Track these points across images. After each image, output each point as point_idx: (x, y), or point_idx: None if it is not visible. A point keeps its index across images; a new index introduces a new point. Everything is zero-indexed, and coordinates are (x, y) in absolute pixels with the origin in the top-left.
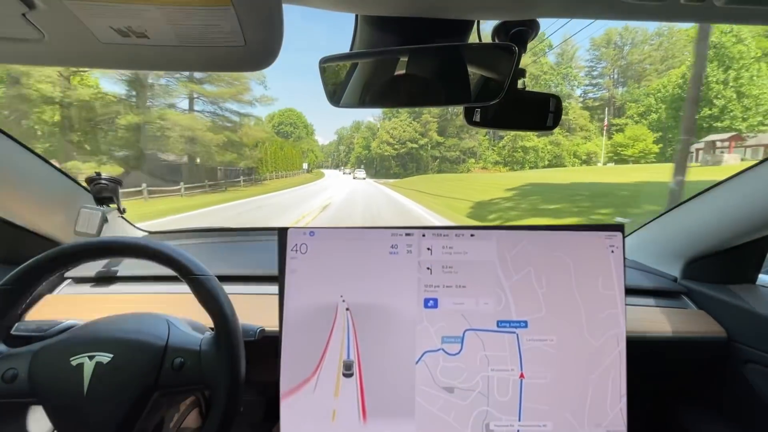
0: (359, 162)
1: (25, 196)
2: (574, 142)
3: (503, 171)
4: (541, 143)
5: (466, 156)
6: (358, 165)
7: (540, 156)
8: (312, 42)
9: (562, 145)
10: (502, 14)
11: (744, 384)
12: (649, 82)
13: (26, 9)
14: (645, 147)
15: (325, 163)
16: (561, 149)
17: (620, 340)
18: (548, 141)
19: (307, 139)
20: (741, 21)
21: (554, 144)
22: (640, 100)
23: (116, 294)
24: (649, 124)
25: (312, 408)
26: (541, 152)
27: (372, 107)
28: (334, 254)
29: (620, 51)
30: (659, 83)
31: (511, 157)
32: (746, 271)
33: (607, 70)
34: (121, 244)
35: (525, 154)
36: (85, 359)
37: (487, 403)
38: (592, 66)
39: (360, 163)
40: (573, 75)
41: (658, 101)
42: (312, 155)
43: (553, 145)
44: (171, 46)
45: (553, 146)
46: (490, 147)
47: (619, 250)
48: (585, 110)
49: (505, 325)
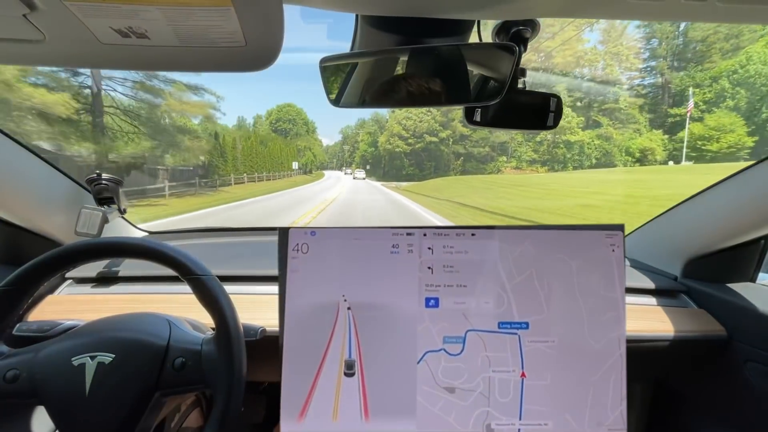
0: (364, 162)
1: (26, 196)
2: (627, 135)
3: (541, 171)
4: (587, 137)
5: (495, 153)
6: (363, 165)
7: (586, 153)
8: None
9: (613, 139)
10: (502, 14)
11: (744, 382)
12: (712, 64)
13: (27, 10)
14: (736, 140)
15: (329, 164)
16: (611, 145)
17: (621, 343)
18: (596, 134)
19: (307, 137)
20: (742, 21)
21: (603, 138)
22: (703, 84)
23: (117, 294)
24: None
25: (313, 407)
26: (587, 148)
27: (372, 107)
28: (335, 254)
29: (676, 27)
30: (734, 62)
31: (551, 155)
32: (746, 270)
33: (661, 50)
34: (121, 244)
35: (568, 150)
36: (87, 359)
37: (488, 404)
38: (643, 44)
39: (366, 163)
40: (624, 55)
41: (734, 84)
42: (309, 154)
43: (602, 139)
44: (171, 46)
45: (602, 141)
46: (524, 142)
47: (620, 249)
48: (638, 98)
49: (507, 326)
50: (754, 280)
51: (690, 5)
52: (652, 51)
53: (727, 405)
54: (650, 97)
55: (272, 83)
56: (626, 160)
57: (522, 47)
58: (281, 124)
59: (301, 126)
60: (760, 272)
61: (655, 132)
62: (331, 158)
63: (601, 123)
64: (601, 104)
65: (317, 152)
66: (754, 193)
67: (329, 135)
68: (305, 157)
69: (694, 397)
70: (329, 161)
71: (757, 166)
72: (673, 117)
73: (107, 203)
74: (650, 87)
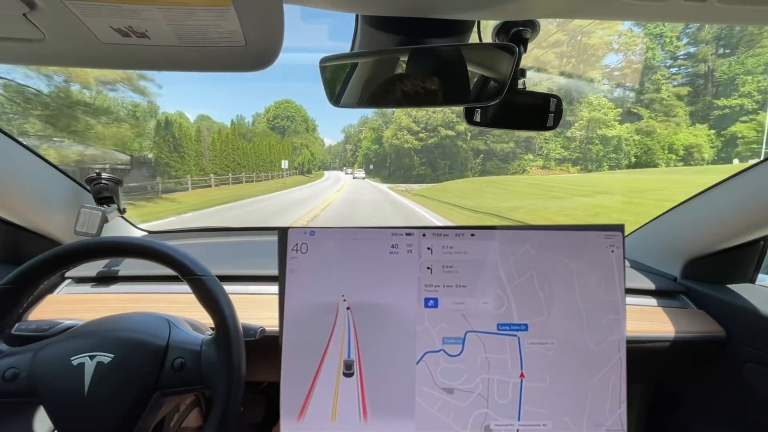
0: (368, 161)
1: (26, 195)
2: (672, 130)
3: (572, 171)
4: (624, 131)
5: (521, 149)
6: (366, 165)
7: (624, 150)
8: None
9: (656, 134)
10: (502, 14)
11: (743, 383)
12: (763, 49)
13: (27, 9)
14: None
15: (332, 164)
16: (653, 140)
17: (621, 345)
18: (634, 129)
19: (306, 135)
20: (742, 21)
21: (644, 133)
22: (754, 71)
23: (117, 294)
24: None
25: (312, 407)
26: (625, 144)
27: (372, 107)
28: (334, 254)
29: None
30: None
31: (582, 152)
32: (746, 271)
33: (704, 34)
34: (121, 244)
35: (605, 146)
36: (86, 359)
37: (486, 405)
38: (683, 28)
39: (369, 163)
40: (668, 36)
41: None
42: (306, 152)
43: (642, 134)
44: (171, 46)
45: (642, 136)
46: (552, 138)
47: (619, 249)
48: (681, 87)
49: (506, 327)
50: (754, 281)
51: (690, 6)
52: (693, 36)
53: (726, 406)
54: (691, 85)
55: (274, 83)
56: (669, 159)
57: (522, 47)
58: (279, 121)
59: (300, 123)
60: (760, 273)
61: (699, 126)
62: (334, 158)
63: (641, 115)
64: (639, 94)
65: (316, 150)
66: (753, 193)
67: (332, 135)
68: (301, 155)
69: (693, 397)
70: (332, 161)
71: (757, 166)
72: (720, 109)
73: (107, 203)
74: (690, 76)
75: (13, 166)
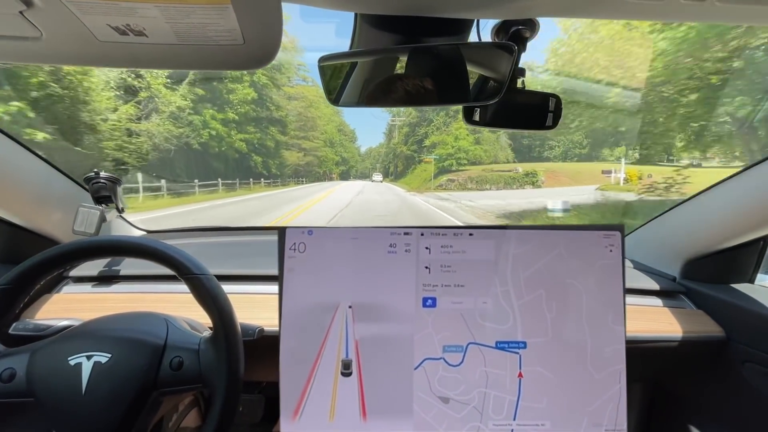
0: (394, 161)
1: (24, 194)
2: None
3: None
4: None
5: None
6: (386, 166)
7: None
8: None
9: None
10: (502, 14)
11: (742, 383)
12: None
13: (24, 7)
14: None
15: (372, 169)
16: None
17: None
18: None
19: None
20: (742, 21)
21: None
22: None
23: (115, 293)
24: None
25: (310, 406)
26: None
27: (371, 106)
28: (332, 253)
29: None
30: None
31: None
32: (745, 271)
33: None
34: (119, 243)
35: None
36: (83, 359)
37: (480, 419)
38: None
39: (393, 163)
40: None
41: None
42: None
43: None
44: (169, 44)
45: None
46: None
47: (619, 249)
48: None
49: (505, 345)
50: (753, 281)
51: (690, 5)
52: None
53: (725, 405)
54: None
55: None
56: None
57: (521, 47)
58: None
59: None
60: (759, 273)
61: None
62: (375, 162)
63: None
64: None
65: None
66: (753, 193)
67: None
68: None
69: (692, 397)
70: (372, 166)
71: (757, 166)
72: None
73: (105, 202)
74: None
75: (11, 165)
